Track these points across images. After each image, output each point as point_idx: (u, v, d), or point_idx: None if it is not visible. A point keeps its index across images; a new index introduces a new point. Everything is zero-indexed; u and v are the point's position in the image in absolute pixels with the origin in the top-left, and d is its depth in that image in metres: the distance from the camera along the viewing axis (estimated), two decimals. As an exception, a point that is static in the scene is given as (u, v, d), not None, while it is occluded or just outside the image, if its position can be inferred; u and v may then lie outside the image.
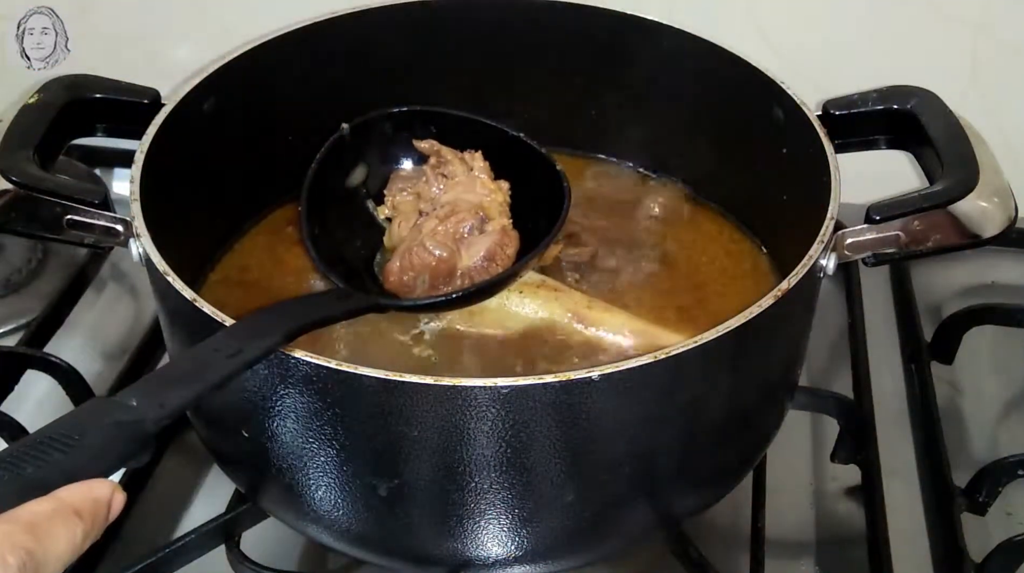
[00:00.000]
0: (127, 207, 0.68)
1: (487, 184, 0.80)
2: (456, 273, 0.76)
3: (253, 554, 0.75)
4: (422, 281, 0.76)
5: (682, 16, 0.85)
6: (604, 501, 0.66)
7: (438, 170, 0.82)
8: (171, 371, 0.59)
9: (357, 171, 0.83)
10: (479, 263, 0.76)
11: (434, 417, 0.58)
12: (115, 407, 0.51)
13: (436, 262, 0.75)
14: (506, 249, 0.77)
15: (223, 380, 0.56)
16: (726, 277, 0.84)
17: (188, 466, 0.84)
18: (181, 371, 0.57)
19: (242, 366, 0.56)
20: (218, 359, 0.56)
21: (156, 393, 0.53)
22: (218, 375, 0.56)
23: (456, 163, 0.81)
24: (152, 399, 0.52)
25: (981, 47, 1.02)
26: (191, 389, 0.54)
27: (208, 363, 0.56)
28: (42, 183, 0.69)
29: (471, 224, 0.77)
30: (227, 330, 0.60)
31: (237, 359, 0.56)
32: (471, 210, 0.78)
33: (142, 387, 0.54)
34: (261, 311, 0.62)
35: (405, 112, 0.83)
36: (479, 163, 0.81)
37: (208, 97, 0.79)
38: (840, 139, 0.76)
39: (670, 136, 0.91)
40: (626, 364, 0.58)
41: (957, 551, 0.76)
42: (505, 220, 0.79)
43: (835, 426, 0.84)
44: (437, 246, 0.75)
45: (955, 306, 0.96)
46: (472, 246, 0.76)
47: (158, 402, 0.52)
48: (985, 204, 0.71)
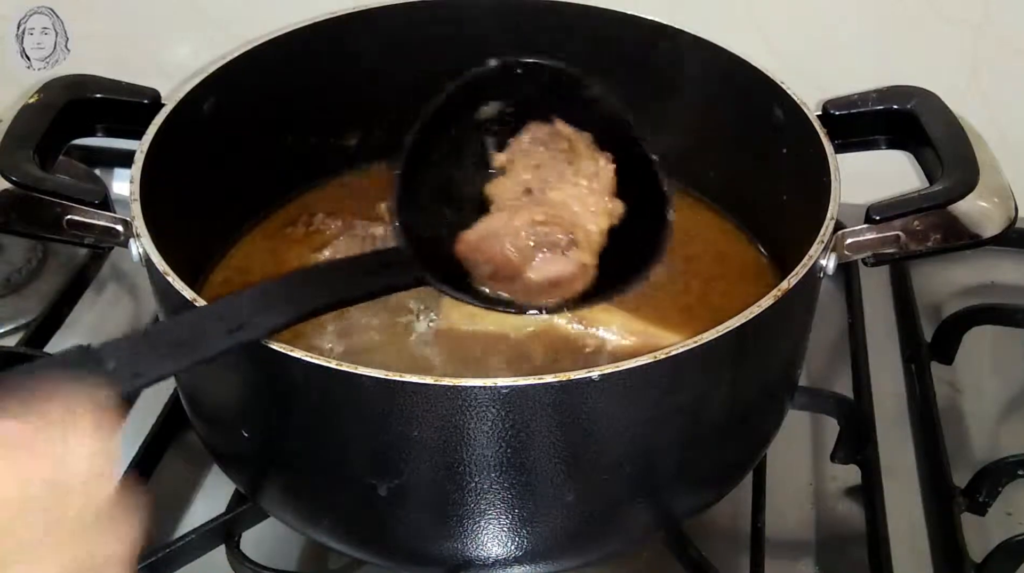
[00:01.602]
0: (127, 207, 0.68)
1: (601, 205, 0.75)
2: (518, 279, 0.73)
3: (253, 554, 0.75)
4: (486, 269, 0.73)
5: (682, 17, 0.85)
6: (604, 501, 0.66)
7: (568, 157, 0.77)
8: (162, 334, 0.54)
9: (492, 106, 0.78)
10: (543, 283, 0.73)
11: (434, 417, 0.58)
12: (87, 370, 0.48)
13: (505, 262, 0.72)
14: (574, 284, 0.73)
15: (216, 355, 0.52)
16: (726, 277, 0.84)
17: (188, 466, 0.84)
18: (173, 337, 0.53)
19: (241, 343, 0.53)
20: (217, 330, 0.52)
21: (137, 359, 0.50)
22: (212, 350, 0.52)
23: (587, 162, 0.76)
24: (130, 366, 0.49)
25: (981, 47, 1.02)
26: (177, 361, 0.51)
27: (204, 333, 0.52)
28: (42, 183, 0.69)
29: (557, 242, 0.73)
30: (233, 297, 0.55)
31: (238, 334, 0.53)
32: (565, 228, 0.73)
33: (125, 348, 0.50)
34: (277, 281, 0.58)
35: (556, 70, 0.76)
36: (607, 175, 0.76)
37: (208, 97, 0.79)
38: (840, 139, 0.76)
39: (670, 136, 0.91)
40: (626, 364, 0.58)
41: (957, 551, 0.76)
42: (589, 257, 0.74)
43: (835, 426, 0.84)
44: (514, 249, 0.72)
45: (955, 306, 0.96)
46: (546, 263, 0.73)
47: (135, 371, 0.49)
48: (985, 204, 0.71)
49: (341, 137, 0.94)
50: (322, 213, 0.88)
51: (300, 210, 0.90)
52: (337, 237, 0.86)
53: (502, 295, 0.72)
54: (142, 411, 0.88)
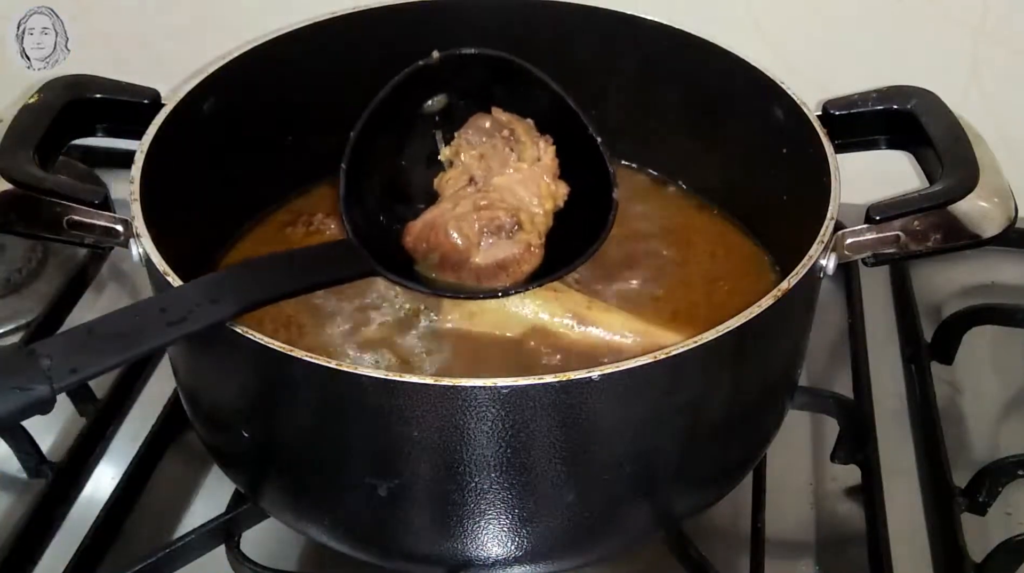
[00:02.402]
0: (127, 207, 0.68)
1: (544, 188, 0.77)
2: (466, 265, 0.75)
3: (253, 554, 0.75)
4: (434, 257, 0.75)
5: (682, 16, 0.85)
6: (604, 501, 0.66)
7: (509, 143, 0.79)
8: (102, 328, 0.54)
9: (437, 99, 0.80)
10: (490, 266, 0.75)
11: (434, 417, 0.58)
12: (23, 367, 0.49)
13: (451, 248, 0.74)
14: (522, 265, 0.75)
15: (154, 349, 0.52)
16: (726, 277, 0.84)
17: (188, 466, 0.84)
18: (112, 331, 0.52)
19: (182, 335, 0.52)
20: (157, 323, 0.52)
21: (74, 354, 0.50)
22: (151, 343, 0.52)
23: (529, 147, 0.78)
24: (67, 362, 0.49)
25: (981, 47, 1.02)
26: (114, 355, 0.51)
27: (145, 326, 0.52)
28: (42, 183, 0.69)
29: (501, 225, 0.75)
30: (178, 289, 0.55)
31: (179, 326, 0.52)
32: (509, 211, 0.76)
33: (62, 344, 0.51)
34: (223, 273, 0.57)
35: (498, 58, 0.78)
36: (548, 158, 0.78)
37: (208, 97, 0.79)
38: (840, 139, 0.76)
39: (670, 136, 0.91)
40: (626, 364, 0.58)
41: (957, 551, 0.76)
42: (535, 238, 0.76)
43: (835, 426, 0.84)
44: (459, 235, 0.74)
45: (955, 306, 0.96)
46: (492, 247, 0.75)
47: (71, 367, 0.49)
48: (985, 204, 0.71)
49: (341, 137, 0.93)
50: (322, 213, 0.88)
51: (300, 210, 0.90)
52: (337, 237, 0.86)
53: (451, 281, 0.73)
54: (142, 411, 0.89)
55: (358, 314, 0.78)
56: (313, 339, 0.76)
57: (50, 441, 0.86)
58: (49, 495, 0.81)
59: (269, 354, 0.58)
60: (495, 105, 0.80)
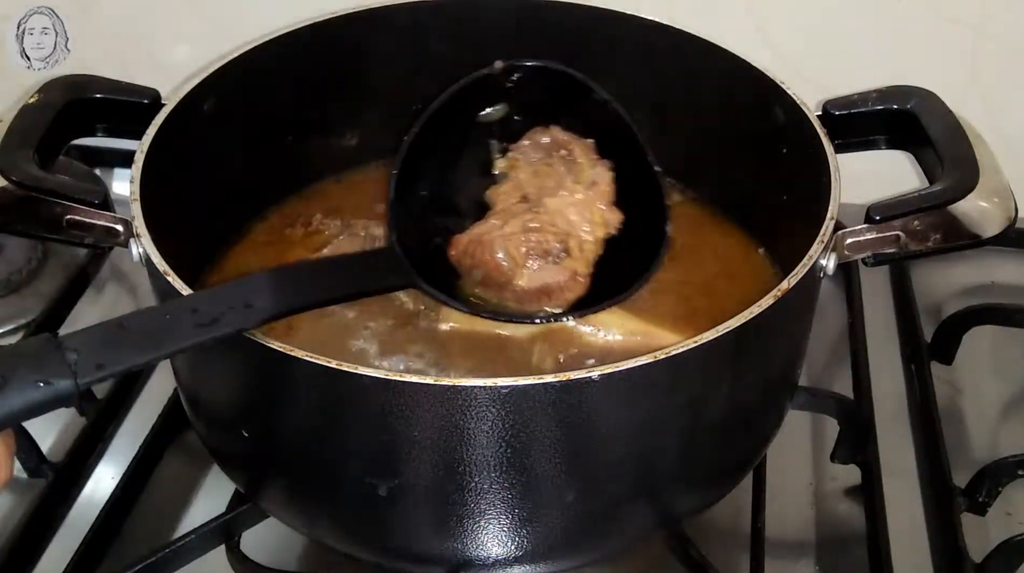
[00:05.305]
0: (127, 207, 0.68)
1: (597, 215, 0.75)
2: (509, 286, 0.73)
3: (253, 554, 0.75)
4: (477, 274, 0.73)
5: (682, 16, 0.85)
6: (604, 501, 0.66)
7: (567, 163, 0.77)
8: (130, 325, 0.52)
9: (497, 108, 0.78)
10: (533, 291, 0.72)
11: (434, 417, 0.58)
12: (48, 360, 0.48)
13: (495, 268, 0.72)
14: (565, 293, 0.73)
15: (183, 350, 0.51)
16: (726, 277, 0.84)
17: (188, 466, 0.84)
18: (141, 329, 0.51)
19: (213, 339, 0.51)
20: (187, 324, 0.51)
21: (101, 350, 0.49)
22: (179, 344, 0.51)
23: (586, 170, 0.76)
24: (93, 357, 0.49)
25: (981, 47, 1.02)
26: (142, 354, 0.50)
27: (175, 327, 0.51)
28: (42, 183, 0.69)
29: (549, 250, 0.73)
30: (210, 291, 0.54)
31: (209, 329, 0.51)
32: (558, 236, 0.73)
33: (88, 339, 0.50)
34: (258, 277, 0.56)
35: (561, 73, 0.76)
36: (604, 184, 0.76)
37: (208, 97, 0.79)
38: (840, 139, 0.76)
39: (670, 136, 0.91)
40: (626, 364, 0.58)
41: (957, 551, 0.76)
42: (582, 266, 0.74)
43: (835, 426, 0.84)
44: (505, 255, 0.72)
45: (955, 306, 0.96)
46: (537, 271, 0.72)
47: (97, 362, 0.49)
48: (985, 204, 0.71)
49: (341, 137, 0.94)
50: (321, 213, 0.88)
51: (300, 210, 0.90)
52: (337, 237, 0.86)
53: (490, 302, 0.72)
54: (142, 411, 0.89)
55: (359, 314, 0.78)
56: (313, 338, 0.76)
57: (50, 441, 0.86)
58: (49, 495, 0.81)
59: (269, 354, 0.58)
60: (556, 121, 0.78)
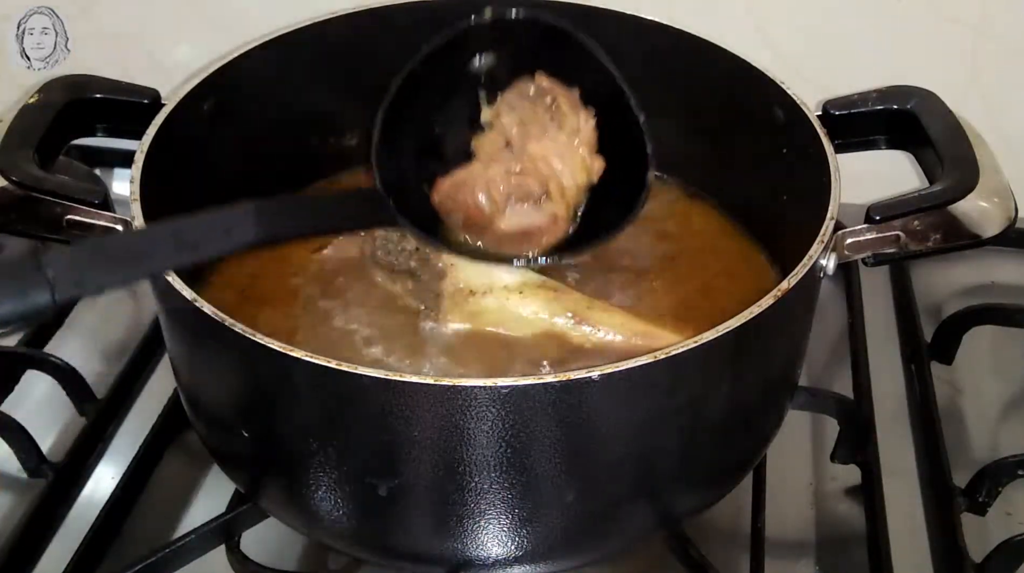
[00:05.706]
0: (127, 207, 0.68)
1: (579, 161, 0.76)
2: (489, 229, 0.74)
3: (253, 554, 0.75)
4: (458, 216, 0.74)
5: (682, 16, 0.86)
6: (604, 501, 0.66)
7: (551, 111, 0.77)
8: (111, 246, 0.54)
9: (485, 58, 0.77)
10: (513, 233, 0.74)
11: (434, 417, 0.59)
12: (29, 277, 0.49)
13: (476, 210, 0.73)
14: (544, 237, 0.74)
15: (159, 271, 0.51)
16: (726, 277, 0.84)
17: (188, 466, 0.84)
18: (121, 250, 0.53)
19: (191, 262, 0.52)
20: (167, 247, 0.52)
21: (79, 269, 0.50)
22: (159, 265, 0.52)
23: (570, 118, 0.76)
24: (71, 275, 0.49)
25: (981, 47, 1.02)
26: (119, 274, 0.51)
27: (154, 249, 0.52)
28: (42, 183, 0.69)
29: (530, 193, 0.74)
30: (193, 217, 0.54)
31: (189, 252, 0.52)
32: (540, 180, 0.74)
33: (68, 259, 0.51)
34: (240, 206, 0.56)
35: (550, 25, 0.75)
36: (588, 131, 0.76)
37: (208, 97, 0.79)
38: (840, 139, 0.76)
39: (670, 136, 0.91)
40: (626, 364, 0.58)
41: (957, 551, 0.76)
42: (562, 210, 0.75)
43: (835, 426, 0.84)
44: (486, 198, 0.73)
45: (955, 306, 0.96)
46: (517, 215, 0.74)
47: (75, 280, 0.49)
48: (985, 204, 0.71)
49: (341, 137, 0.94)
50: (322, 213, 0.88)
51: (300, 210, 0.90)
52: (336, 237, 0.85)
53: (471, 242, 0.73)
54: (142, 411, 0.89)
55: (360, 314, 0.78)
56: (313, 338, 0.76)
57: (50, 441, 0.86)
58: (49, 495, 0.81)
59: (269, 354, 0.58)
60: (542, 71, 0.78)
